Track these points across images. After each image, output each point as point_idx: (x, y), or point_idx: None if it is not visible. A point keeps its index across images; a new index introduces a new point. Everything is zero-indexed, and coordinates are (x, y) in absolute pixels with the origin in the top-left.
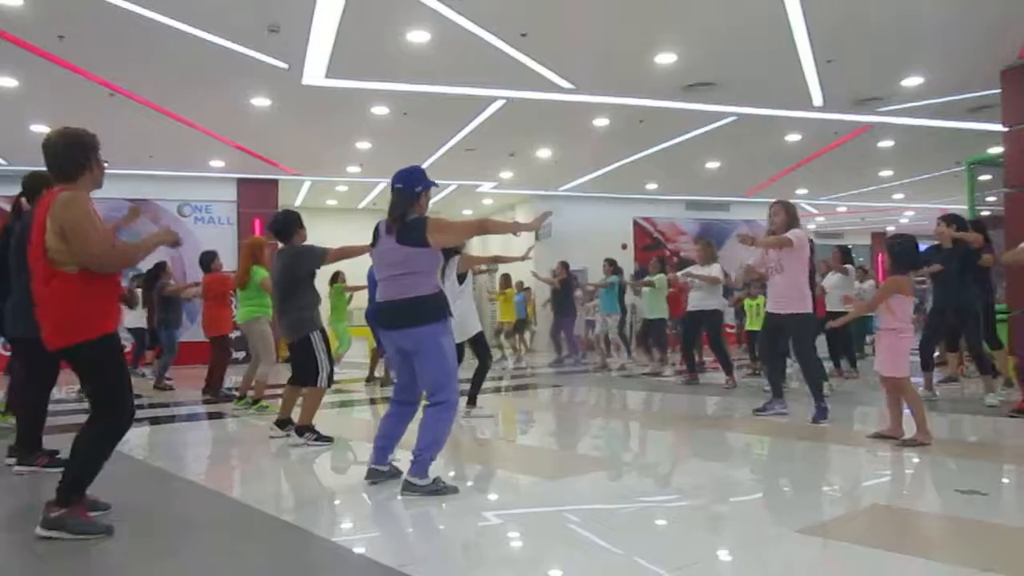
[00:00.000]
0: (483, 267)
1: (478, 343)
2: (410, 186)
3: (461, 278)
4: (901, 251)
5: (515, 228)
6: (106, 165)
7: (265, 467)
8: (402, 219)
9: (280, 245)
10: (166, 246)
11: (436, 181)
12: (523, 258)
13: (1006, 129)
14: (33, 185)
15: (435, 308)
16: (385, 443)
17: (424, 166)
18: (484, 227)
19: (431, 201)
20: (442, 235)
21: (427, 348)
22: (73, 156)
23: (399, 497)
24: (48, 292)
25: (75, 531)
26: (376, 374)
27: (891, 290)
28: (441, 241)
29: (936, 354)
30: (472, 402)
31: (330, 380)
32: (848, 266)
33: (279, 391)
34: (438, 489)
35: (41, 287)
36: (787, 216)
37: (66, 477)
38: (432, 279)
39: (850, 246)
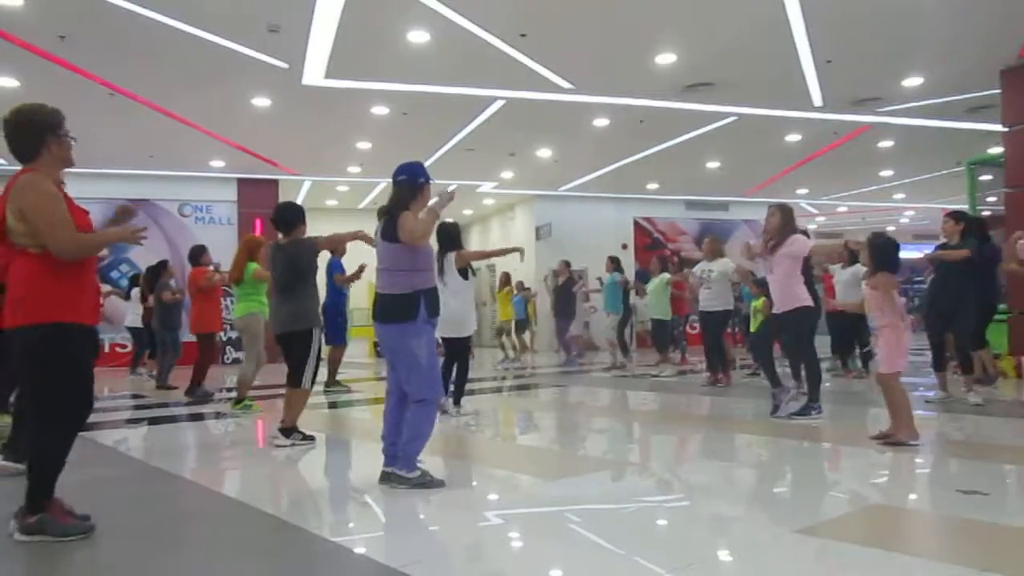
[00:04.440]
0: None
1: (465, 344)
2: (413, 178)
3: (464, 273)
4: (885, 249)
5: (434, 212)
6: (73, 142)
7: (264, 467)
8: (390, 213)
9: (279, 236)
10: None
11: (435, 179)
12: (515, 250)
13: (1006, 129)
14: None
15: (403, 308)
16: (390, 444)
17: (424, 166)
18: (418, 234)
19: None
20: (402, 233)
21: (394, 347)
22: (26, 137)
23: (396, 495)
24: (11, 272)
25: (55, 533)
26: None
27: (893, 286)
28: (404, 239)
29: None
30: (456, 403)
31: (313, 382)
32: (857, 265)
33: (271, 391)
34: (425, 482)
35: (5, 269)
36: (782, 219)
37: (29, 482)
38: (409, 277)
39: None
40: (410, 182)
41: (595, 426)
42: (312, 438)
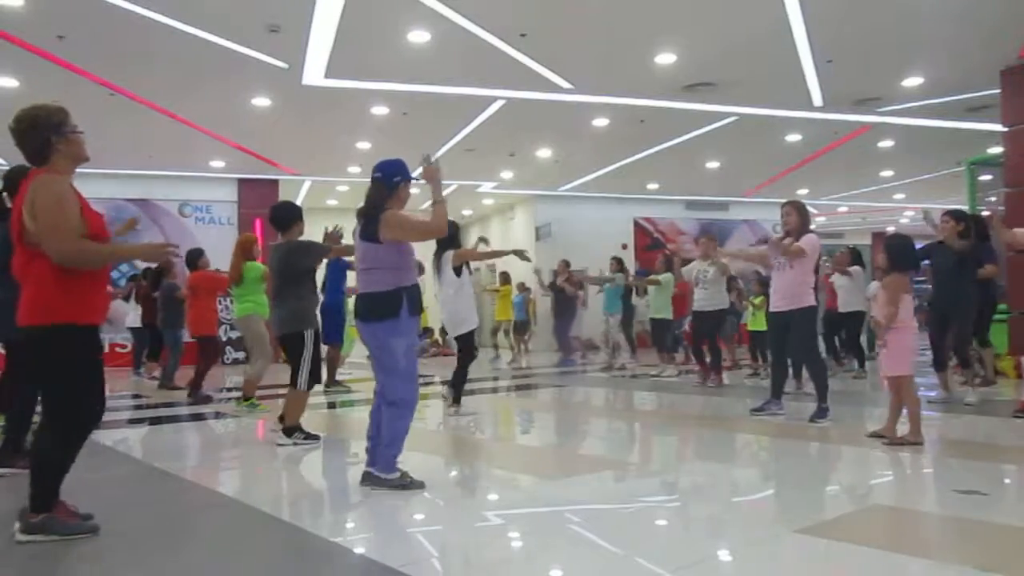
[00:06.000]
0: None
1: (466, 341)
2: (388, 176)
3: (457, 272)
4: (900, 249)
5: (441, 204)
6: (82, 135)
7: (264, 467)
8: (367, 213)
9: (279, 236)
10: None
11: (413, 174)
12: (514, 252)
13: (1006, 129)
14: (13, 180)
15: (386, 305)
16: (374, 445)
17: (404, 163)
18: (436, 229)
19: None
20: (392, 232)
21: (376, 345)
22: (31, 141)
23: (396, 495)
24: (27, 273)
25: (60, 533)
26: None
27: (902, 289)
28: (393, 237)
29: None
30: (456, 401)
31: (311, 382)
32: (856, 267)
33: (273, 391)
34: (404, 483)
35: (23, 269)
36: (799, 218)
37: (36, 484)
38: (391, 275)
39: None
40: (385, 180)
41: (594, 426)
42: (317, 437)
